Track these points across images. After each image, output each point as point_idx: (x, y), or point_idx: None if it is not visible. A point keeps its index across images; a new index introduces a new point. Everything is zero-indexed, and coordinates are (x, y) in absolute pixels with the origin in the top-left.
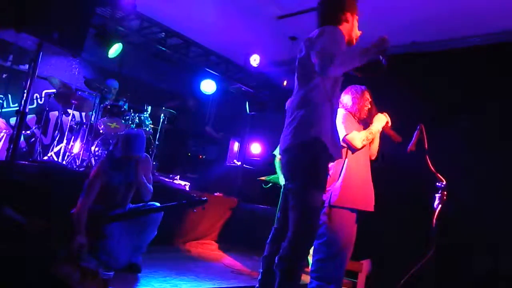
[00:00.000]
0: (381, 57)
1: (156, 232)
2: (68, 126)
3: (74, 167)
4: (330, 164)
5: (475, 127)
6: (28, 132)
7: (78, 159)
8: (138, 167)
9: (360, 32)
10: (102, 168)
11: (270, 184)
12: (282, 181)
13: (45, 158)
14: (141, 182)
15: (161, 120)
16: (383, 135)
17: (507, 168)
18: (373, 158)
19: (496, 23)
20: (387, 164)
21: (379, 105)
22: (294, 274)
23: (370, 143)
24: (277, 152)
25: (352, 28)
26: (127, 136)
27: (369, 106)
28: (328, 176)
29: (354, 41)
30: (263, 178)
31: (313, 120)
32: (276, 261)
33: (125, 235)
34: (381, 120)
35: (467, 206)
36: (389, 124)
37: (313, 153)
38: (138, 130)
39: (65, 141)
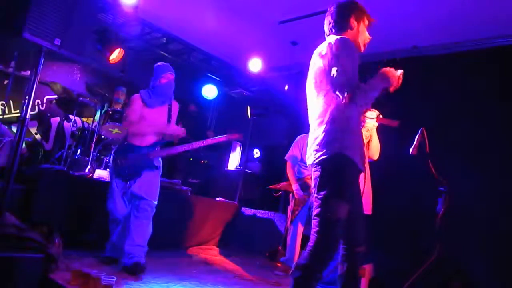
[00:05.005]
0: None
1: (151, 228)
2: (69, 132)
3: (76, 173)
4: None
5: (477, 130)
6: (30, 138)
7: (80, 165)
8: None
9: (370, 37)
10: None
11: (281, 192)
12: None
13: (47, 164)
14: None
15: None
16: (383, 134)
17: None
18: (375, 158)
19: (496, 27)
20: (389, 168)
21: (381, 109)
22: (307, 283)
23: (368, 142)
24: (288, 157)
25: (357, 34)
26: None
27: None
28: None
29: (362, 47)
30: (273, 186)
31: (337, 134)
32: (292, 268)
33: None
34: (371, 115)
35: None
36: (380, 116)
37: (338, 167)
38: None
39: (66, 147)
